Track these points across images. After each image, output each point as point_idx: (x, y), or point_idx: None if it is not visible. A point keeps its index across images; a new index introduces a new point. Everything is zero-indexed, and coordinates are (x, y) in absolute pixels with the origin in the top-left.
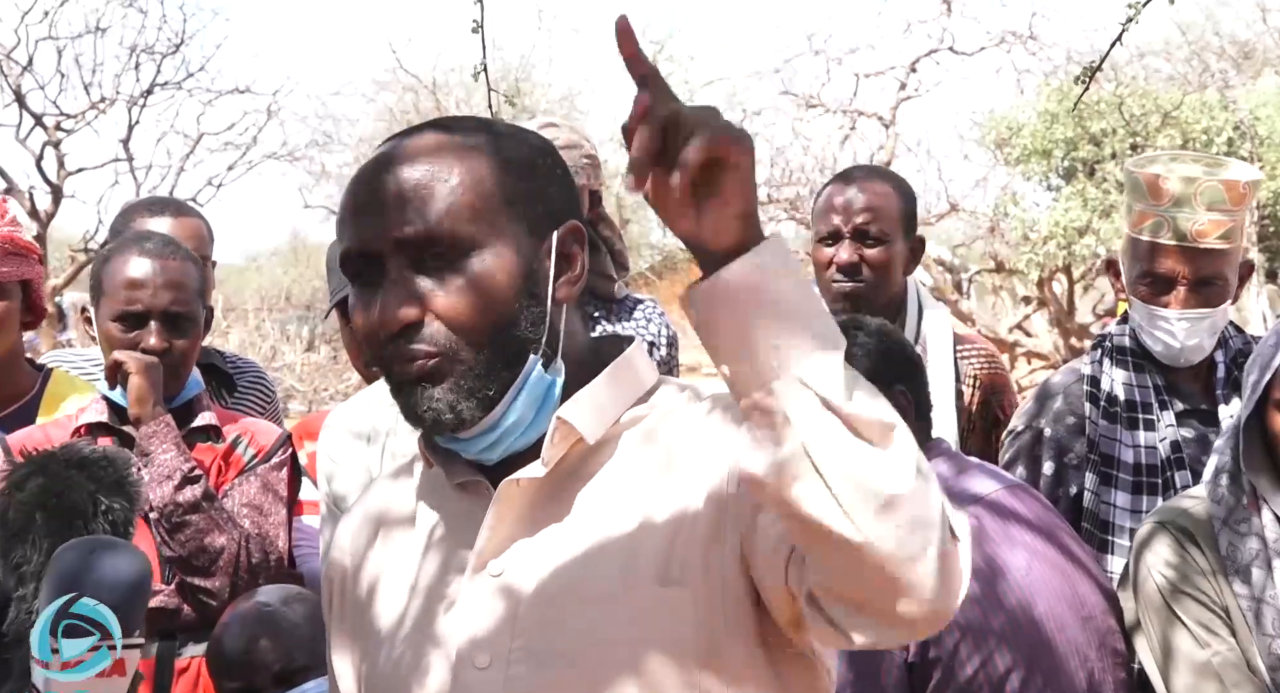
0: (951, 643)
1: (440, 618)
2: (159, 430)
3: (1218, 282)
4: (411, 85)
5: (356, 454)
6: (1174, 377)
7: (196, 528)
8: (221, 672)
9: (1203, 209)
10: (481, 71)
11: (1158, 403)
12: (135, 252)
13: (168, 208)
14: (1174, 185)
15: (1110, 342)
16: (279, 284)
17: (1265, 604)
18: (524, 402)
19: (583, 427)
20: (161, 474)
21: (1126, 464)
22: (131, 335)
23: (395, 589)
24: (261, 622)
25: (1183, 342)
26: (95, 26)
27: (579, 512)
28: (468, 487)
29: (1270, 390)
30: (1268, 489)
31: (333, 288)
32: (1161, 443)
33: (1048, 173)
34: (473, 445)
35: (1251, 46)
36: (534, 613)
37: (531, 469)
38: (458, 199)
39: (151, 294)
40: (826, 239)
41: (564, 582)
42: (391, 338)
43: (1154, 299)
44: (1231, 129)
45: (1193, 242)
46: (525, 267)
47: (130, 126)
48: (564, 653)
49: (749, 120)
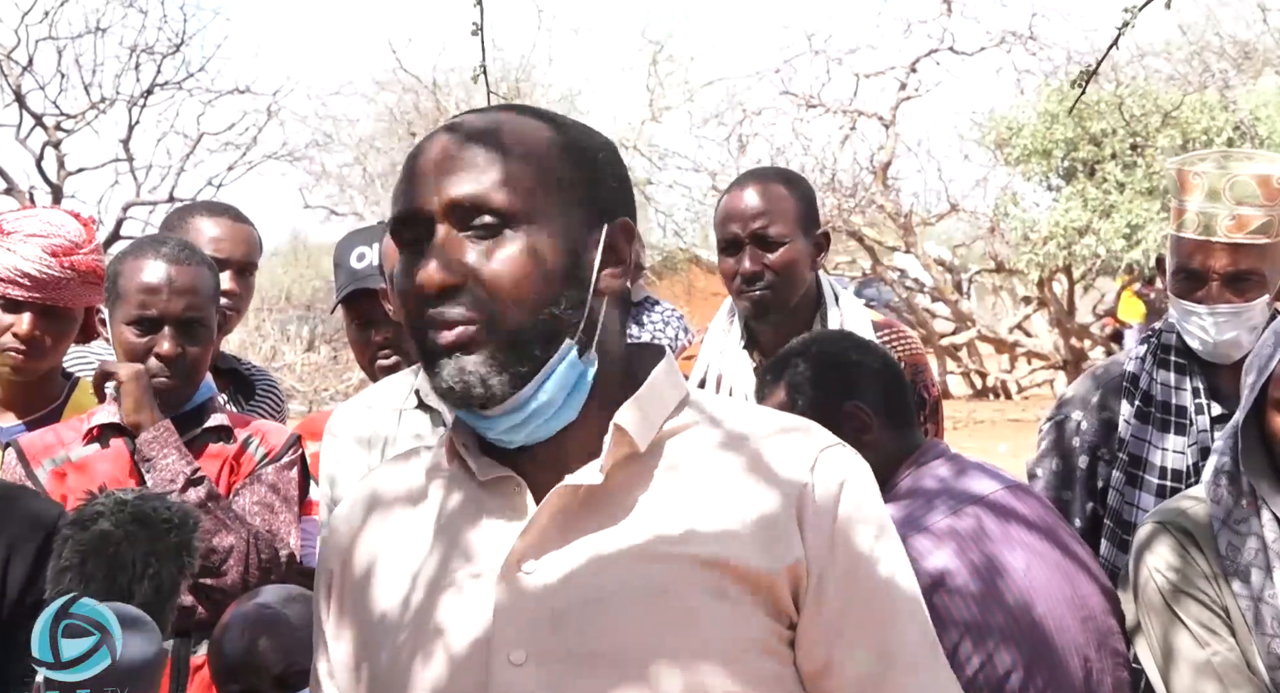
0: (951, 643)
1: (470, 608)
2: (159, 436)
3: (1252, 277)
4: (412, 86)
5: (357, 459)
6: (1218, 378)
7: (204, 529)
8: (222, 674)
9: (1233, 203)
10: (481, 73)
11: (1194, 406)
12: (151, 256)
13: (227, 211)
14: (1203, 180)
15: (1158, 339)
16: (279, 284)
17: (1265, 605)
18: (554, 384)
19: (637, 435)
20: (165, 478)
21: (1154, 466)
22: (145, 340)
23: (406, 582)
24: (262, 624)
25: (1215, 337)
26: (95, 26)
27: (622, 517)
28: (495, 483)
29: (1269, 391)
30: (1267, 490)
31: (339, 284)
32: (1190, 449)
33: (1048, 173)
34: (497, 424)
35: (1252, 47)
36: (574, 612)
37: (589, 475)
38: (514, 170)
39: (166, 300)
40: (727, 249)
41: (606, 584)
42: (431, 300)
43: (1188, 295)
44: (1231, 129)
45: (1224, 236)
46: (571, 250)
47: (130, 127)
48: (604, 653)
49: (749, 120)
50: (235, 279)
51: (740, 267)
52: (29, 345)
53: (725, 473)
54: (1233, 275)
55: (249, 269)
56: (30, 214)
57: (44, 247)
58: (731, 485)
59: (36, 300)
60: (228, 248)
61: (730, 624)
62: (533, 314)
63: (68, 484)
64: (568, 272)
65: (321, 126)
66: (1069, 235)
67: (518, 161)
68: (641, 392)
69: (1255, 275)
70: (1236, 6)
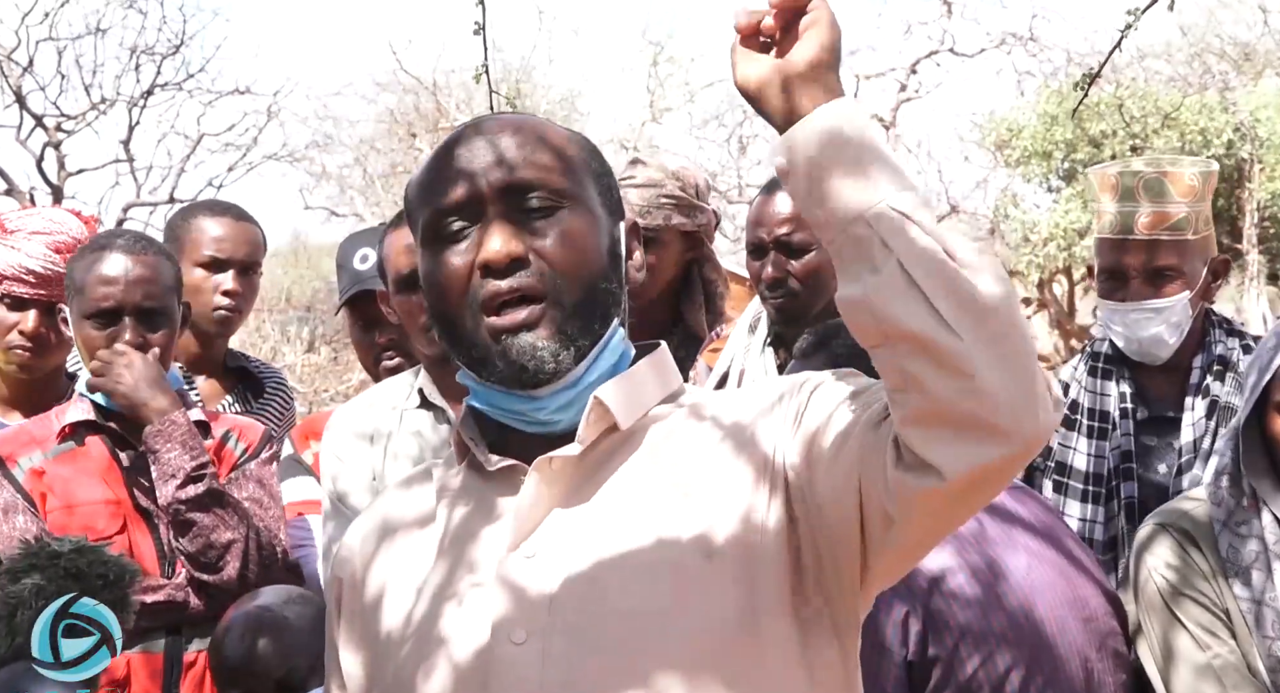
0: (951, 643)
1: (470, 599)
2: (164, 429)
3: (1169, 273)
4: (412, 86)
5: (360, 454)
6: (1147, 381)
7: (202, 525)
8: (223, 678)
9: (1146, 201)
10: (483, 73)
11: (1119, 411)
12: (107, 249)
13: (230, 211)
14: (1116, 180)
15: (1091, 346)
16: (279, 285)
17: (1265, 606)
18: (606, 361)
19: (617, 410)
20: (166, 473)
21: (1079, 472)
22: (107, 332)
23: (414, 584)
24: (262, 626)
25: (1137, 335)
26: (95, 27)
27: (613, 494)
28: (502, 473)
29: (1270, 392)
30: (1268, 491)
31: (343, 286)
32: (1113, 453)
33: (1048, 174)
34: (549, 404)
35: (1252, 48)
36: (572, 589)
37: (566, 448)
38: (557, 155)
39: (124, 290)
40: (754, 252)
41: (602, 559)
42: (497, 273)
43: (1110, 294)
44: (1231, 131)
45: (1140, 233)
46: (609, 233)
47: (131, 127)
48: (603, 628)
49: (749, 121)
50: (238, 279)
51: (764, 271)
52: (35, 342)
53: (709, 444)
54: (1151, 272)
55: (252, 269)
56: (33, 213)
57: (48, 244)
58: (716, 453)
59: (41, 298)
60: (229, 248)
61: (724, 587)
62: (591, 287)
63: (46, 482)
64: (609, 251)
65: (322, 127)
66: (1069, 237)
67: (557, 149)
68: (626, 373)
69: (1172, 271)
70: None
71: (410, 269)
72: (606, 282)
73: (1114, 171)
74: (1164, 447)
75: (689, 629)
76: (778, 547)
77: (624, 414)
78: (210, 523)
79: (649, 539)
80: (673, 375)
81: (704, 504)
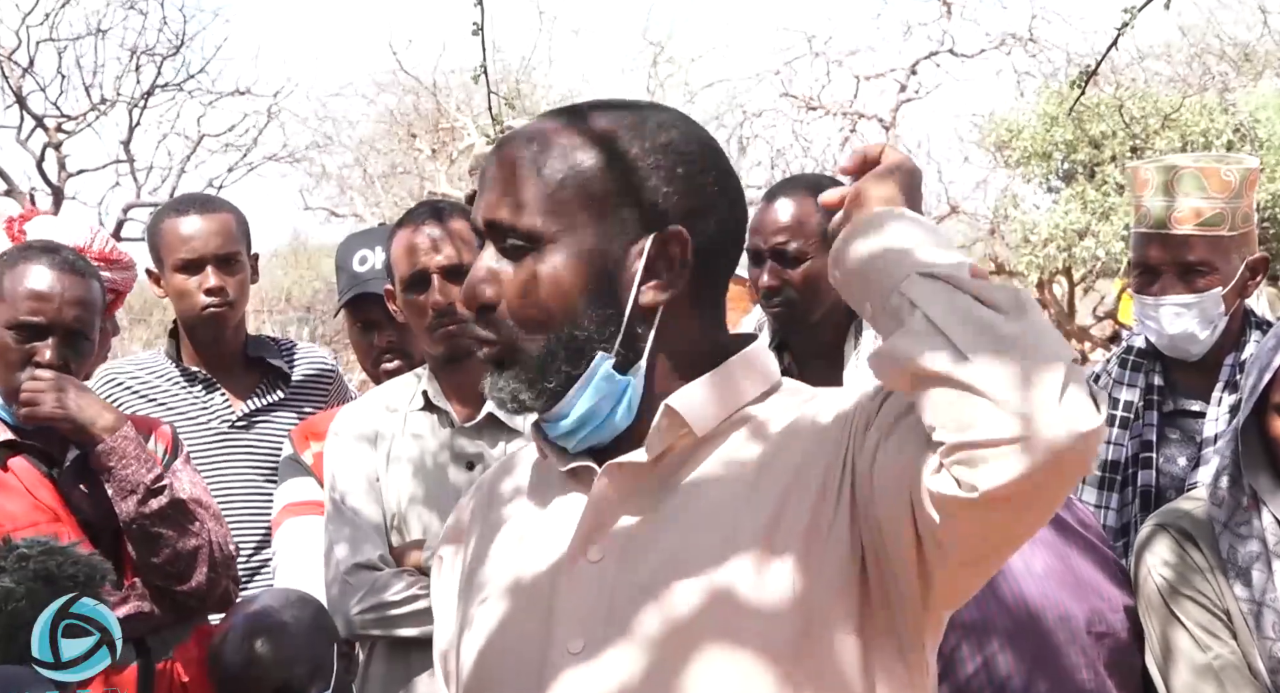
0: (952, 642)
1: (539, 602)
2: (116, 446)
3: (1202, 268)
4: (412, 87)
5: (361, 456)
6: (1179, 376)
7: (168, 536)
8: (223, 684)
9: (1181, 196)
10: (482, 73)
11: (1143, 402)
12: (43, 262)
13: (193, 206)
14: (1153, 174)
15: (1128, 339)
16: (279, 286)
17: (1266, 607)
18: (591, 397)
19: (691, 418)
20: (125, 490)
21: (1099, 460)
22: (26, 347)
23: (500, 570)
24: (262, 631)
25: (1169, 330)
26: (96, 28)
27: (681, 502)
28: (577, 474)
29: (1270, 393)
30: (1268, 491)
31: (342, 287)
32: (1131, 442)
33: (1048, 175)
34: (552, 430)
35: (1252, 49)
36: (630, 600)
37: (634, 454)
38: (543, 192)
39: (57, 309)
40: (753, 259)
41: (661, 570)
42: (472, 315)
43: (1144, 289)
44: (1231, 131)
45: (1171, 228)
46: (601, 267)
47: (131, 128)
48: (658, 640)
49: (749, 122)
50: (217, 274)
51: (761, 280)
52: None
53: (780, 450)
54: (1184, 266)
55: (230, 259)
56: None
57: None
58: (785, 459)
59: None
60: (199, 245)
61: (782, 601)
62: (549, 335)
63: None
64: (594, 289)
65: (322, 128)
66: (1069, 237)
67: (549, 183)
68: (706, 377)
69: (1205, 267)
70: (1237, 9)
71: (415, 269)
72: (575, 325)
73: (1152, 166)
74: (1186, 440)
75: (742, 646)
76: (844, 561)
77: (700, 421)
78: (175, 533)
79: (710, 551)
80: (765, 374)
81: (772, 515)
